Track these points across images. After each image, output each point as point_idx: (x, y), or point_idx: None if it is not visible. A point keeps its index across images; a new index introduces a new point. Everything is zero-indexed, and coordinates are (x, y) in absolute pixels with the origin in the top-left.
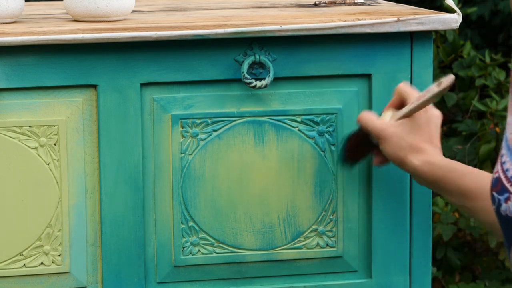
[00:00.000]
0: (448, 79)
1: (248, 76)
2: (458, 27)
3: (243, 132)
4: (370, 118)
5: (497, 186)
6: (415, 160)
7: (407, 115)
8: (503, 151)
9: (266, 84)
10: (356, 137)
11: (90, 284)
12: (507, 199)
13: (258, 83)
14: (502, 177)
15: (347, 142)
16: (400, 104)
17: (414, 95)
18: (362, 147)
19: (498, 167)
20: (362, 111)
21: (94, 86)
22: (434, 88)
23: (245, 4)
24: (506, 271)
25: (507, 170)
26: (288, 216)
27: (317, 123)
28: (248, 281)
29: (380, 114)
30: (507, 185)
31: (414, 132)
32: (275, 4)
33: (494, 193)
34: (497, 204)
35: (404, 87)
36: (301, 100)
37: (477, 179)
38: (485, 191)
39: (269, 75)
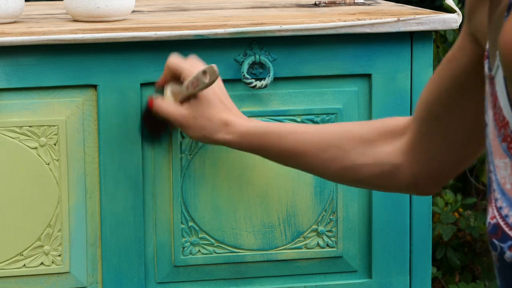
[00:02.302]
0: (212, 71)
1: (248, 76)
2: (458, 27)
3: None
4: (161, 106)
5: (498, 233)
6: (225, 135)
7: (188, 97)
8: (497, 195)
9: (266, 84)
10: (150, 116)
11: (90, 284)
12: (511, 247)
13: (258, 83)
14: (502, 224)
15: (144, 121)
16: (174, 78)
17: (186, 71)
18: (159, 123)
19: (494, 212)
20: (152, 97)
21: (94, 86)
22: (203, 80)
23: (245, 4)
24: None
25: (506, 216)
26: (288, 216)
27: (317, 123)
28: (248, 281)
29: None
30: (509, 232)
31: (207, 108)
32: (275, 4)
33: (495, 240)
34: (500, 252)
35: (174, 62)
36: (301, 100)
37: (300, 137)
38: (310, 147)
39: (269, 75)
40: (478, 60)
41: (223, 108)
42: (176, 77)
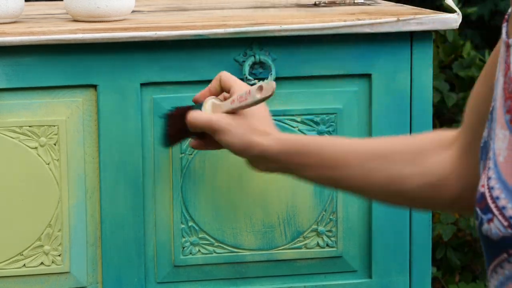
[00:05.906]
0: (269, 87)
1: (250, 78)
2: (458, 27)
3: None
4: (196, 116)
5: (482, 203)
6: (264, 140)
7: (231, 112)
8: (491, 164)
9: None
10: (176, 124)
11: (90, 284)
12: (489, 220)
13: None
14: (487, 195)
15: (168, 128)
16: (219, 91)
17: (237, 87)
18: (182, 133)
19: (484, 180)
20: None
21: (94, 86)
22: (256, 95)
23: (245, 4)
24: None
25: (492, 188)
26: (288, 216)
27: (317, 123)
28: (248, 281)
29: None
30: (492, 205)
31: (252, 119)
32: (275, 4)
33: (478, 210)
34: (479, 222)
35: (227, 76)
36: (301, 100)
37: (343, 147)
38: (354, 156)
39: (271, 74)
40: None
41: (267, 123)
42: (221, 91)
